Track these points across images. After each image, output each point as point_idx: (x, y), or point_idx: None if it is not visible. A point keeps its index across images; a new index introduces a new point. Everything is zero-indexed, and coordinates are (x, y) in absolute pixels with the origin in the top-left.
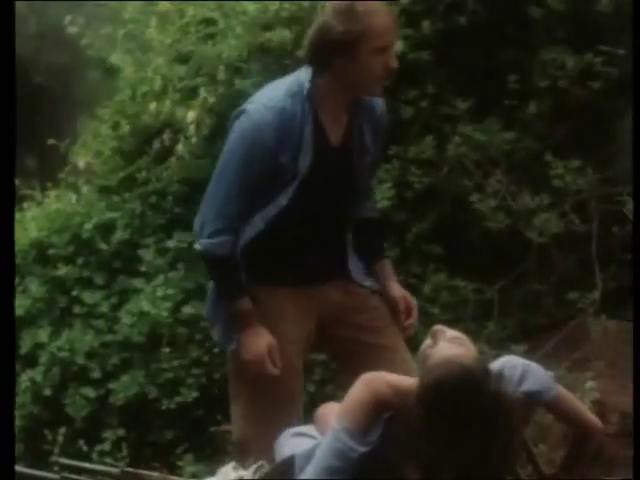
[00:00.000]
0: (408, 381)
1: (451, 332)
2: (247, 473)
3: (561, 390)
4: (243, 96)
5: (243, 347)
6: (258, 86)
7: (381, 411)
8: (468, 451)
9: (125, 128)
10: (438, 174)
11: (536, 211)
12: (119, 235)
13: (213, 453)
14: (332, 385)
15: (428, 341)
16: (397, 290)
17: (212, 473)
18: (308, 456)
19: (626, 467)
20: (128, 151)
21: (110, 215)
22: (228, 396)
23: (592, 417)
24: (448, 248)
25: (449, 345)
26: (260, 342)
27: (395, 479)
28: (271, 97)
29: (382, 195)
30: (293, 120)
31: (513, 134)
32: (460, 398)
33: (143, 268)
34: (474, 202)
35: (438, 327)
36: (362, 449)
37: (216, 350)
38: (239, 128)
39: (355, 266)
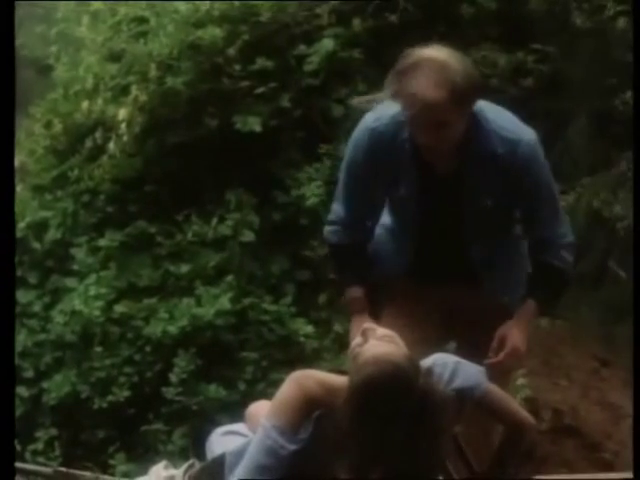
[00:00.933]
0: (339, 379)
1: (381, 330)
2: (178, 472)
3: (492, 387)
4: (174, 94)
5: (350, 333)
6: (189, 84)
7: (311, 409)
8: (398, 449)
9: (58, 127)
10: None
11: None
12: (52, 234)
13: (145, 452)
14: (263, 383)
15: (358, 339)
16: (504, 328)
17: (144, 472)
18: (239, 454)
19: (558, 464)
20: (61, 150)
21: (43, 214)
22: (159, 395)
23: (524, 413)
24: None
25: (379, 343)
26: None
27: (326, 478)
28: (379, 117)
29: (311, 192)
30: (390, 146)
31: None
32: (389, 396)
33: (75, 267)
34: None
35: (368, 325)
36: (292, 447)
37: (148, 349)
38: (351, 136)
39: (495, 282)
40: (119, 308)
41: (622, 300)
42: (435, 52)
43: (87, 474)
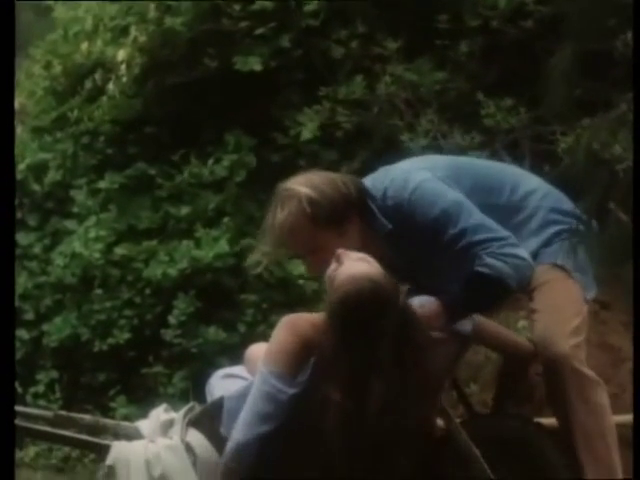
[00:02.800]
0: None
1: (355, 253)
2: (178, 415)
3: (485, 320)
4: (173, 35)
5: None
6: (188, 25)
7: (305, 350)
8: (385, 368)
9: (57, 68)
10: (368, 114)
11: (467, 150)
12: (52, 176)
13: (145, 395)
14: (263, 325)
15: (333, 265)
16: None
17: (144, 415)
18: (238, 398)
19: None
20: (60, 91)
21: (43, 156)
22: (160, 338)
23: (521, 339)
24: None
25: (355, 263)
26: None
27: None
28: None
29: (313, 134)
30: None
31: (444, 74)
32: (370, 311)
33: (75, 209)
34: (405, 141)
35: (341, 250)
36: (292, 390)
37: (148, 292)
38: None
39: None
40: (119, 250)
41: (622, 242)
42: (295, 183)
43: (87, 417)
